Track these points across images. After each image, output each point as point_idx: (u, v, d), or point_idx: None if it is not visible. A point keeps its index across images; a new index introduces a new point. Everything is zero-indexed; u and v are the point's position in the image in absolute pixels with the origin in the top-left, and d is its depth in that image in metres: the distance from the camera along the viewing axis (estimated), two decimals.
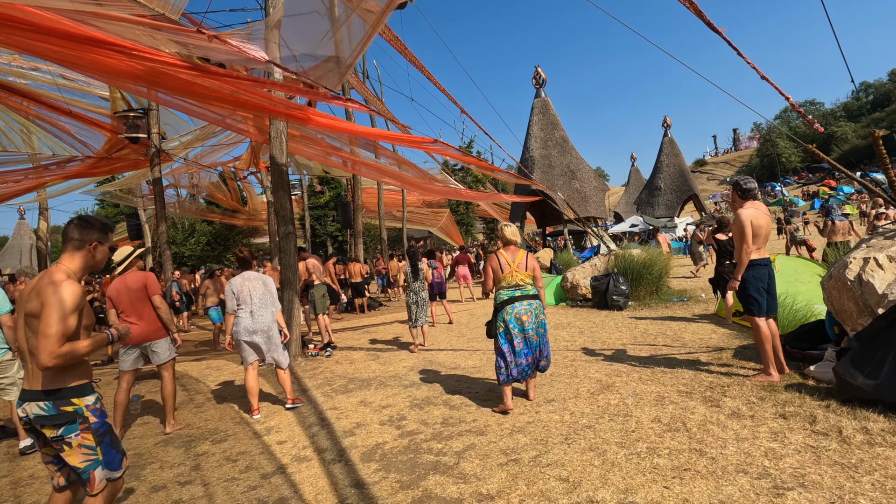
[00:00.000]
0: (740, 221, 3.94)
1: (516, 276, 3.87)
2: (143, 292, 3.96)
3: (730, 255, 6.14)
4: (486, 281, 3.98)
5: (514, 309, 3.80)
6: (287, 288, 6.61)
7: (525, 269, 3.92)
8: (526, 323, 3.80)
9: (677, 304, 8.14)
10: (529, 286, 3.93)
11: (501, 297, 3.86)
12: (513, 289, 3.87)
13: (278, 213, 6.67)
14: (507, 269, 3.88)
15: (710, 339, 5.54)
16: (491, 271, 3.94)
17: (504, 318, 3.81)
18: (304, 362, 6.36)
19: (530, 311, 3.83)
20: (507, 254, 3.95)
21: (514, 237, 4.03)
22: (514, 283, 3.86)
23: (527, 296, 3.87)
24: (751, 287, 3.95)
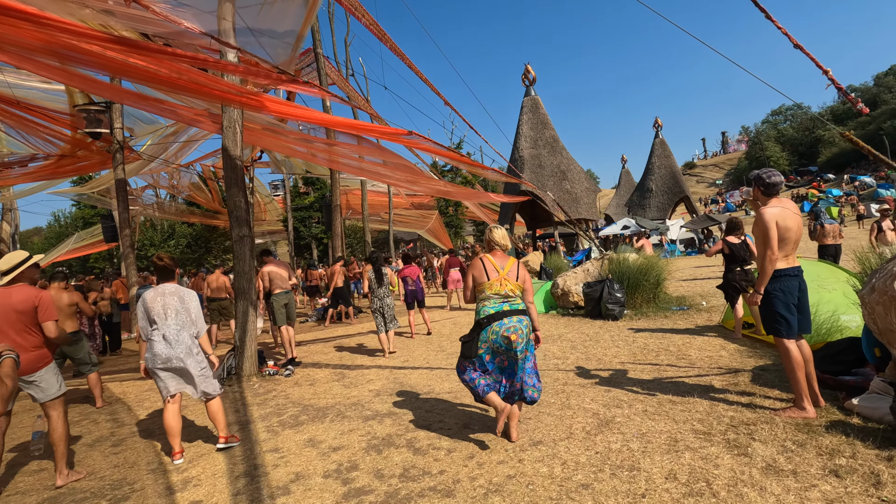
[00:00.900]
0: (763, 222, 3.25)
1: (505, 285, 3.19)
2: (30, 316, 3.15)
3: (742, 260, 5.47)
4: (466, 292, 3.29)
5: (502, 326, 3.09)
6: (241, 298, 5.82)
7: (516, 279, 3.24)
8: (515, 343, 3.09)
9: (677, 314, 7.48)
10: (519, 299, 3.25)
11: (486, 310, 3.16)
12: (501, 300, 3.18)
13: (231, 212, 5.87)
14: (494, 276, 3.20)
15: (719, 356, 4.86)
16: (472, 279, 3.25)
17: (489, 336, 3.11)
18: (258, 383, 5.55)
19: (521, 330, 3.13)
20: (494, 259, 3.27)
21: (504, 241, 3.35)
22: (502, 292, 3.17)
23: (516, 310, 3.17)
24: (777, 303, 3.26)
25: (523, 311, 3.23)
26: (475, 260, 3.30)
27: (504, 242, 3.35)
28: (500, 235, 3.37)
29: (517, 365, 3.16)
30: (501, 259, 3.30)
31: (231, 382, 5.61)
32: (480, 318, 3.17)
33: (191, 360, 3.50)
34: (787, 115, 71.05)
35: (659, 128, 29.69)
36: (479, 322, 3.17)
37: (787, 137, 64.30)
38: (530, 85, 19.54)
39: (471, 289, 3.25)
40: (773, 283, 3.27)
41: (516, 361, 3.14)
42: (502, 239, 3.36)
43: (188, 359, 3.48)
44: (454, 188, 12.11)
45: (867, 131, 50.10)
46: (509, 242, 3.38)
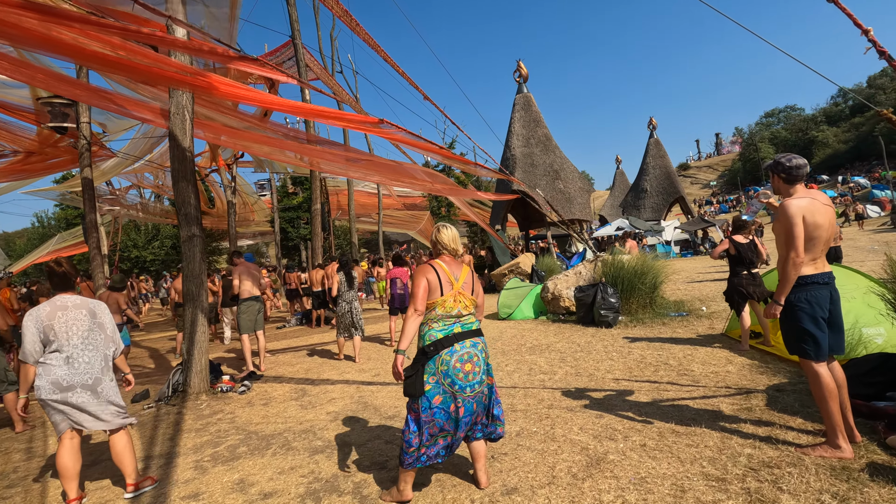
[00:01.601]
0: (788, 216, 2.66)
1: (460, 301, 2.56)
2: None
3: (750, 262, 4.90)
4: (417, 302, 2.52)
5: (454, 353, 2.47)
6: (190, 304, 5.17)
7: (471, 293, 2.64)
8: (470, 375, 2.48)
9: (676, 320, 6.90)
10: (473, 317, 2.64)
11: (433, 333, 2.51)
12: (453, 321, 2.54)
13: (179, 209, 5.22)
14: (448, 289, 2.54)
15: (726, 373, 4.27)
16: (423, 291, 2.53)
17: (438, 368, 2.46)
18: (206, 402, 4.91)
19: (476, 357, 2.53)
20: (446, 266, 2.62)
21: (455, 244, 2.71)
22: (454, 311, 2.54)
23: (471, 331, 2.57)
24: (803, 316, 2.67)
25: (478, 330, 2.63)
26: (424, 268, 2.58)
27: (454, 246, 2.69)
28: (450, 237, 2.69)
29: (475, 401, 2.53)
30: (454, 267, 2.65)
31: (175, 401, 4.96)
32: (426, 345, 2.52)
33: (102, 387, 2.87)
34: (780, 117, 71.13)
35: (653, 127, 29.28)
36: (425, 350, 2.51)
37: (781, 139, 64.23)
38: (522, 82, 19.03)
39: (423, 299, 2.54)
40: (798, 292, 2.69)
41: (474, 396, 2.52)
42: (452, 241, 2.69)
43: (99, 385, 2.86)
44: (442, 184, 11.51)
45: (861, 132, 50.11)
46: (460, 245, 2.74)
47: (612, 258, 8.12)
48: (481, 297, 2.75)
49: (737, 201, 49.87)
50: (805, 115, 67.11)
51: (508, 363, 5.44)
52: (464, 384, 2.46)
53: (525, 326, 7.78)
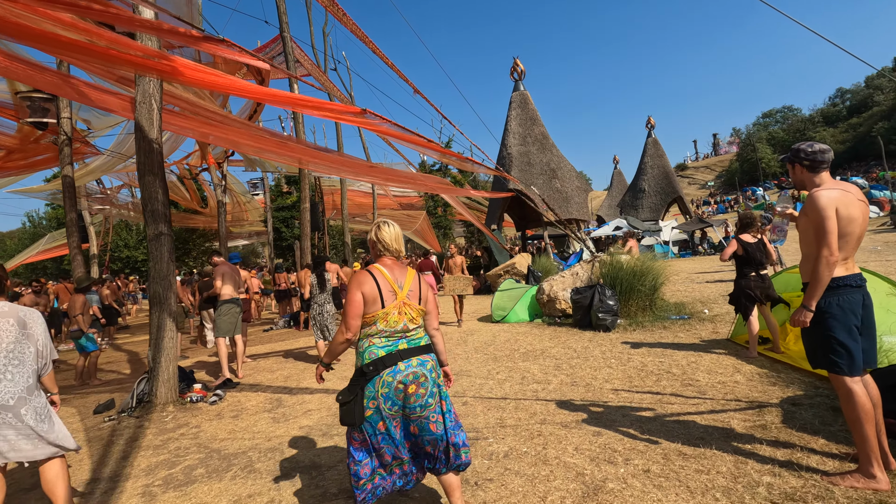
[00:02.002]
0: (818, 208, 2.32)
1: (406, 312, 2.18)
2: None
3: (758, 263, 4.56)
4: (348, 320, 2.12)
5: (397, 374, 2.09)
6: (156, 307, 4.80)
7: (418, 302, 2.25)
8: (413, 398, 2.10)
9: (677, 324, 6.56)
10: (421, 331, 2.26)
11: (374, 350, 2.13)
12: (396, 337, 2.16)
13: (146, 206, 4.85)
14: (390, 299, 2.16)
15: (735, 383, 3.93)
16: (357, 307, 2.12)
17: (378, 391, 2.08)
18: (171, 415, 4.53)
19: (424, 377, 2.14)
20: (387, 271, 2.22)
21: (397, 244, 2.31)
22: (399, 326, 2.16)
23: (418, 348, 2.19)
24: (835, 325, 2.32)
25: (427, 346, 2.24)
26: (360, 274, 2.19)
27: (397, 246, 2.29)
28: (392, 235, 2.29)
29: (427, 427, 2.14)
30: (398, 272, 2.25)
31: (139, 413, 4.58)
32: (364, 364, 2.14)
33: (27, 409, 2.49)
34: (777, 118, 71.08)
35: (651, 127, 29.01)
36: (363, 370, 2.12)
37: (778, 139, 64.15)
38: (519, 80, 18.71)
39: (356, 317, 2.13)
40: (829, 296, 2.34)
41: (416, 419, 2.13)
42: (394, 241, 2.29)
43: (23, 406, 2.48)
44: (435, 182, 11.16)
45: (859, 133, 49.98)
46: (402, 246, 2.35)
47: (611, 258, 7.78)
48: (432, 303, 2.34)
49: (735, 201, 49.68)
50: (802, 116, 67.08)
51: (500, 371, 5.08)
52: (404, 406, 2.10)
53: (519, 330, 7.43)
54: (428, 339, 2.29)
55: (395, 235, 2.30)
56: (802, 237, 2.53)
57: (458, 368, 5.37)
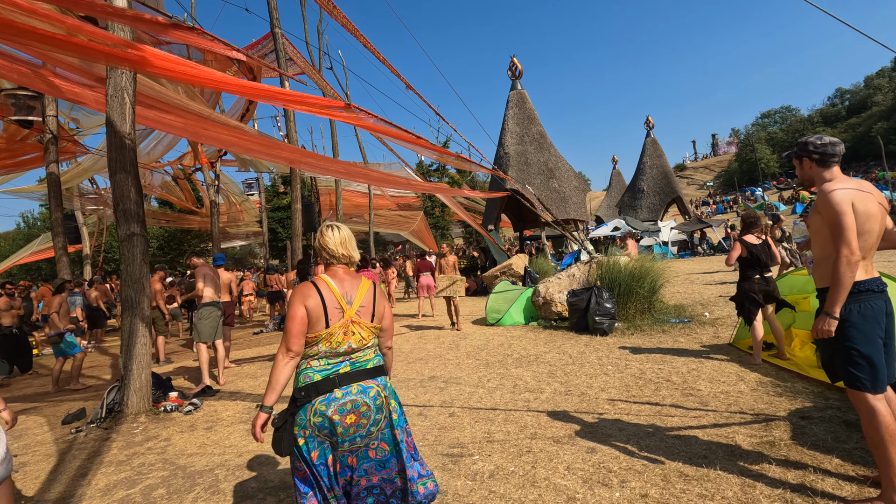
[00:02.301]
0: (832, 204, 2.08)
1: (354, 332, 1.89)
2: None
3: (763, 265, 4.32)
4: (290, 339, 1.84)
5: (332, 402, 1.81)
6: (128, 311, 4.55)
7: (371, 319, 1.96)
8: (351, 429, 1.82)
9: (677, 328, 6.33)
10: (371, 351, 1.97)
11: (310, 374, 1.85)
12: (339, 359, 1.89)
13: (117, 205, 4.60)
14: (337, 317, 1.87)
15: (739, 393, 3.69)
16: (300, 325, 1.84)
17: (310, 420, 1.80)
18: (142, 426, 4.27)
19: (365, 406, 1.85)
20: (335, 284, 1.93)
21: (346, 250, 1.99)
22: (344, 347, 1.88)
23: (362, 372, 1.90)
24: (856, 335, 2.08)
25: (376, 369, 1.94)
26: (304, 286, 1.90)
27: (345, 252, 1.97)
28: (338, 240, 1.97)
29: (366, 455, 1.86)
30: (348, 284, 1.95)
31: (109, 424, 4.33)
32: (297, 389, 1.84)
33: None
34: (776, 118, 70.98)
35: (650, 127, 28.80)
36: (295, 396, 1.84)
37: (777, 140, 64.05)
38: (517, 78, 18.49)
39: (300, 335, 1.84)
40: (848, 302, 2.11)
41: (364, 450, 1.86)
42: (341, 246, 1.97)
43: None
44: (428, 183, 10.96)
45: (858, 133, 49.87)
46: (355, 251, 1.99)
47: (608, 259, 7.54)
48: (388, 319, 2.05)
49: (734, 202, 49.51)
50: (801, 116, 66.97)
51: (492, 378, 4.84)
52: (343, 438, 1.81)
53: (514, 334, 7.19)
54: (379, 360, 2.00)
55: (341, 239, 1.98)
56: (815, 238, 2.29)
57: (449, 375, 5.13)
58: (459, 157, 6.48)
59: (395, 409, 1.94)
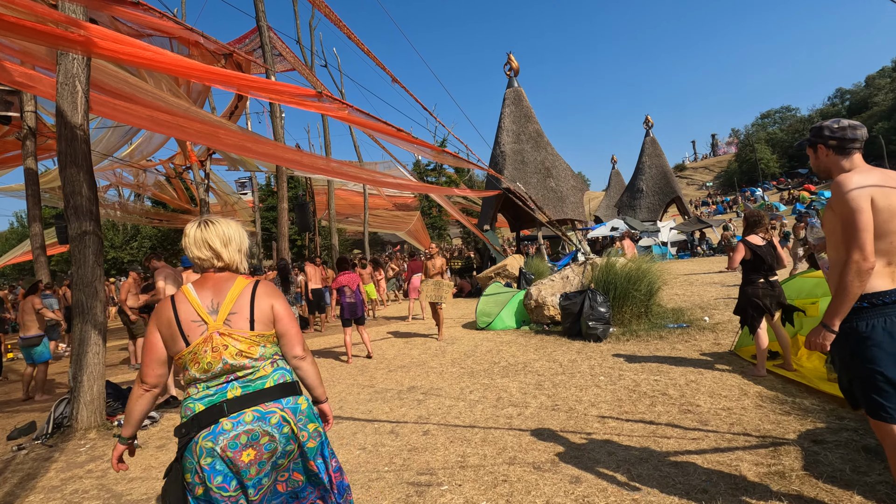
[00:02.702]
0: (846, 199, 1.75)
1: (226, 345, 1.53)
2: None
3: (768, 268, 3.97)
4: (143, 368, 1.56)
5: (220, 437, 1.45)
6: (79, 317, 4.19)
7: (250, 326, 1.57)
8: (252, 468, 1.46)
9: (675, 333, 5.97)
10: (266, 366, 1.59)
11: (190, 405, 1.51)
12: (221, 382, 1.53)
13: (68, 201, 4.24)
14: (196, 332, 1.52)
15: (742, 409, 3.34)
16: (155, 345, 1.55)
17: (199, 462, 1.44)
18: (90, 443, 3.91)
19: (267, 437, 1.49)
20: (196, 293, 1.58)
21: (202, 251, 1.61)
22: (218, 367, 1.52)
23: (257, 394, 1.54)
24: (882, 356, 1.73)
25: (276, 388, 1.57)
26: (160, 304, 1.60)
27: (199, 253, 1.60)
28: (195, 240, 1.60)
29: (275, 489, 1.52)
30: (214, 289, 1.59)
31: (55, 440, 3.97)
32: (178, 427, 1.52)
33: None
34: (776, 118, 70.70)
35: (650, 126, 28.46)
36: (176, 436, 1.54)
37: (777, 140, 63.77)
38: (513, 76, 18.15)
39: (155, 363, 1.54)
40: (871, 317, 1.76)
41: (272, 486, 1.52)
42: (195, 247, 1.60)
43: None
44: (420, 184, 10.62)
45: None
46: (217, 250, 1.59)
47: (604, 261, 7.19)
48: (285, 322, 1.63)
49: (733, 202, 49.19)
50: (801, 116, 66.68)
51: (475, 389, 4.49)
52: (245, 482, 1.45)
53: (504, 339, 6.84)
54: (283, 376, 1.61)
55: (200, 239, 1.59)
56: (830, 238, 1.94)
57: (430, 385, 4.78)
58: (446, 152, 6.15)
59: (312, 436, 1.58)
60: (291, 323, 1.66)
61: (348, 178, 9.85)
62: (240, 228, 1.70)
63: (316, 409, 1.73)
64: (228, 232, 1.63)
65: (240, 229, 1.68)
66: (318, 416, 1.66)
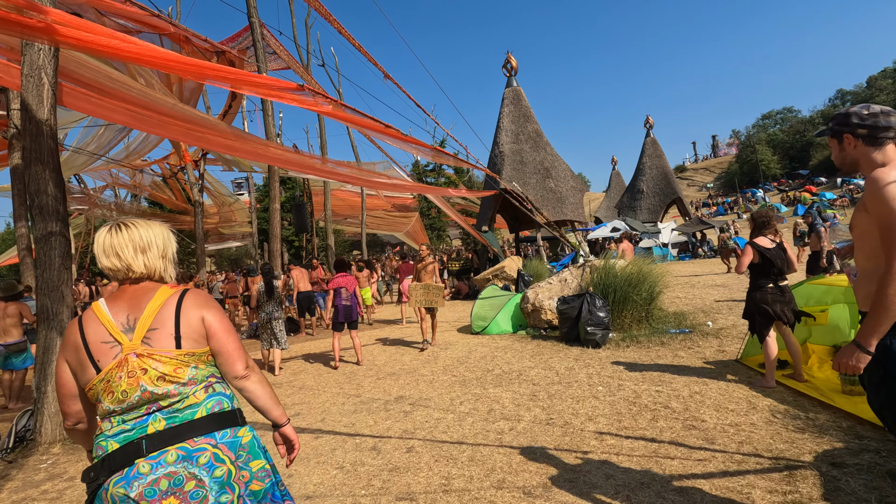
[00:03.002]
0: (883, 198, 1.50)
1: (146, 369, 1.26)
2: None
3: (778, 272, 3.71)
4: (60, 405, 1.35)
5: (134, 485, 1.17)
6: (44, 324, 3.94)
7: (175, 344, 1.31)
8: None
9: (677, 339, 5.71)
10: (197, 392, 1.31)
11: (101, 444, 1.24)
12: (140, 414, 1.26)
13: (32, 200, 3.99)
14: (107, 355, 1.26)
15: (751, 425, 3.08)
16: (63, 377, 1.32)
17: None
18: (52, 458, 3.65)
19: (193, 482, 1.21)
20: (108, 309, 1.32)
21: (111, 261, 1.33)
22: (135, 396, 1.24)
23: (186, 426, 1.26)
24: None
25: (214, 417, 1.31)
26: (69, 327, 1.34)
27: (111, 264, 1.33)
28: (105, 246, 1.34)
29: None
30: (128, 304, 1.33)
31: (14, 456, 3.72)
32: (91, 466, 1.25)
33: None
34: (776, 119, 70.45)
35: (650, 126, 28.22)
36: (87, 475, 1.24)
37: (778, 141, 63.53)
38: (512, 75, 17.92)
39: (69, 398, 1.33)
40: None
41: None
42: (104, 255, 1.33)
43: None
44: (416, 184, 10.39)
45: None
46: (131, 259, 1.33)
47: (603, 264, 6.94)
48: (220, 337, 1.36)
49: (734, 203, 48.94)
50: (802, 118, 66.39)
51: (465, 399, 4.23)
52: None
53: (499, 344, 6.58)
54: (220, 402, 1.34)
55: (108, 246, 1.33)
56: (861, 245, 1.70)
57: (419, 395, 4.53)
58: (440, 150, 5.91)
59: (257, 476, 1.33)
60: (228, 337, 1.39)
61: (341, 178, 9.62)
62: (164, 231, 1.45)
63: (277, 434, 1.49)
64: (147, 236, 1.38)
65: (164, 232, 1.44)
66: (265, 452, 1.41)
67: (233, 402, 1.39)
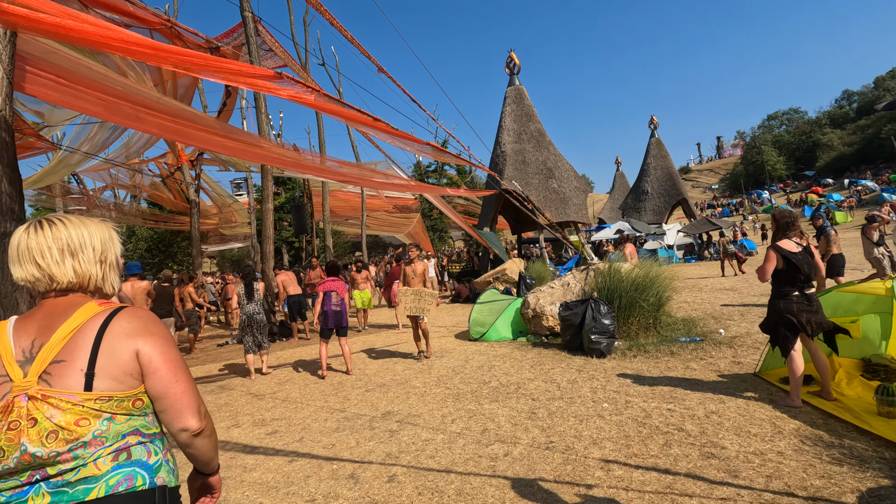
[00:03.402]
0: None
1: (36, 419, 0.90)
2: None
3: (805, 279, 3.33)
4: None
5: None
6: None
7: (83, 386, 0.92)
8: None
9: (688, 349, 5.33)
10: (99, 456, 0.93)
11: None
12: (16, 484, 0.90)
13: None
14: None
15: (778, 453, 2.70)
16: None
17: None
18: None
19: None
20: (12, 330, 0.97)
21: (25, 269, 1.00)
22: (14, 456, 0.88)
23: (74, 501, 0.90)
24: None
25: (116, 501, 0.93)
26: None
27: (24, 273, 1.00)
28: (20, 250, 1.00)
29: None
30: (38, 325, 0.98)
31: None
32: None
33: None
34: (783, 120, 69.81)
35: (655, 127, 27.80)
36: None
37: (784, 142, 62.89)
38: (515, 74, 17.58)
39: None
40: None
41: None
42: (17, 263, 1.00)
43: None
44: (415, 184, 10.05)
45: (867, 135, 48.68)
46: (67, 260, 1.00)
47: (608, 267, 6.56)
48: (162, 376, 1.01)
49: (739, 204, 48.41)
50: (808, 118, 65.75)
51: (458, 417, 3.87)
52: None
53: (498, 352, 6.21)
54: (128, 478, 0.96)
55: (24, 250, 1.00)
56: None
57: (408, 410, 4.16)
58: (435, 146, 5.57)
59: None
60: (177, 375, 1.02)
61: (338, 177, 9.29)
62: (103, 230, 1.10)
63: (200, 478, 1.15)
64: (80, 235, 1.04)
65: (103, 231, 1.09)
66: None
67: (150, 477, 0.99)
